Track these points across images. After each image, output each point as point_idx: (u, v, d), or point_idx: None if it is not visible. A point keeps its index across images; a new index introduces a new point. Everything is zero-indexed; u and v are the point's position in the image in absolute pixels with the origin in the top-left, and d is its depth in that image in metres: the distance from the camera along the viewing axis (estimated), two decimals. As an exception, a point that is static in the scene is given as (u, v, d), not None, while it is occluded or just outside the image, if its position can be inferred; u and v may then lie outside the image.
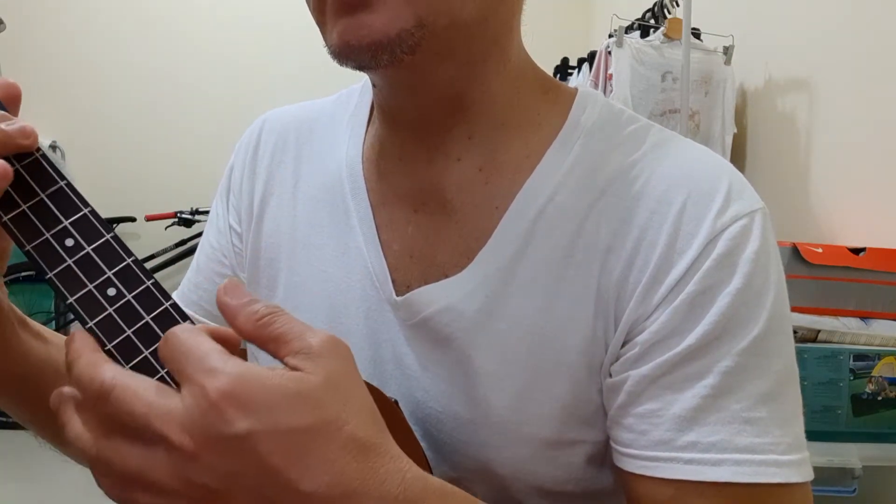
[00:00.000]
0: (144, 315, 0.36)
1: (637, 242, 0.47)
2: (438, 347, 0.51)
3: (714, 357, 0.44)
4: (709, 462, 0.43)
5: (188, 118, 3.57)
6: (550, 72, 0.73)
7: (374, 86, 0.53)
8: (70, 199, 0.38)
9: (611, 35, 2.16)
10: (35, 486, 2.43)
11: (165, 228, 3.34)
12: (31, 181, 0.38)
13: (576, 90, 0.54)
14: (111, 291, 0.36)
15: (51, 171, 0.39)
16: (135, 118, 3.56)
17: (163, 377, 0.35)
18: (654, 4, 2.31)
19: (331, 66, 0.51)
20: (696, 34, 2.12)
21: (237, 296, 0.35)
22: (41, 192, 0.38)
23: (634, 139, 0.51)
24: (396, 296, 0.52)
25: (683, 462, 0.43)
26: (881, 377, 1.18)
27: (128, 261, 0.37)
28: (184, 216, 3.29)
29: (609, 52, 2.16)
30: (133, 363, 0.35)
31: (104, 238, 0.38)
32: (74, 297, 0.36)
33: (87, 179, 2.97)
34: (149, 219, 3.36)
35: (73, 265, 0.37)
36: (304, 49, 2.70)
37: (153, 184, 3.52)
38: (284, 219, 0.59)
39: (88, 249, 0.37)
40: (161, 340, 0.33)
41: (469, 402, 0.50)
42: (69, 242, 0.37)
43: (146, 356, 0.35)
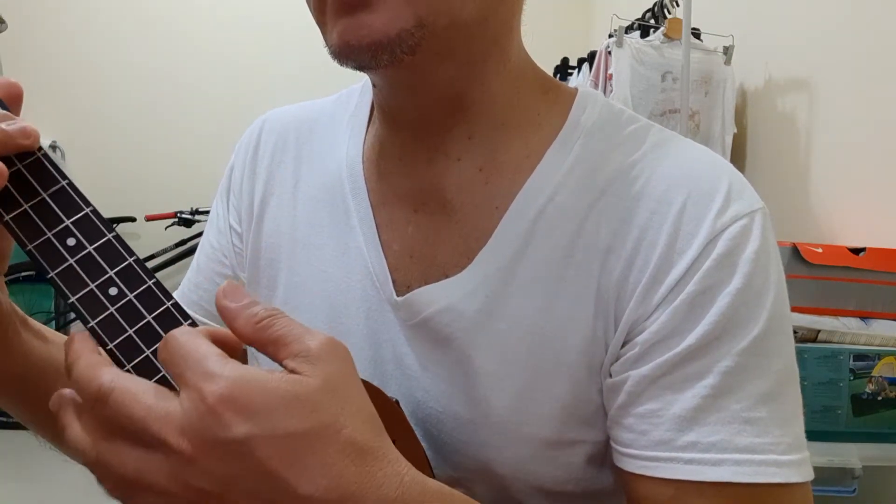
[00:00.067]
0: (146, 314, 0.36)
1: (637, 242, 0.47)
2: (438, 347, 0.51)
3: (714, 357, 0.44)
4: (709, 462, 0.43)
5: (188, 118, 3.57)
6: (550, 72, 0.73)
7: (375, 86, 0.53)
8: (72, 199, 0.38)
9: (611, 35, 2.16)
10: (35, 486, 2.43)
11: (165, 228, 3.34)
12: (33, 180, 0.38)
13: (576, 90, 0.54)
14: (113, 291, 0.36)
15: (52, 171, 0.39)
16: (135, 118, 3.56)
17: (164, 377, 0.35)
18: (654, 4, 2.31)
19: (331, 66, 0.51)
20: (696, 34, 2.12)
21: (236, 298, 0.35)
22: (43, 192, 0.38)
23: (634, 139, 0.51)
24: (397, 296, 0.52)
25: (683, 462, 0.43)
26: (881, 377, 1.18)
27: (129, 260, 0.37)
28: (184, 216, 3.29)
29: (609, 52, 2.16)
30: (134, 363, 0.35)
31: (106, 237, 0.38)
32: (76, 297, 0.36)
33: (87, 179, 2.97)
34: (149, 219, 3.35)
35: (75, 264, 0.37)
36: (304, 49, 2.71)
37: (153, 184, 3.52)
38: (284, 219, 0.59)
39: (90, 249, 0.37)
40: (160, 343, 0.33)
41: (469, 402, 0.50)
42: (71, 242, 0.37)
43: (147, 355, 0.35)
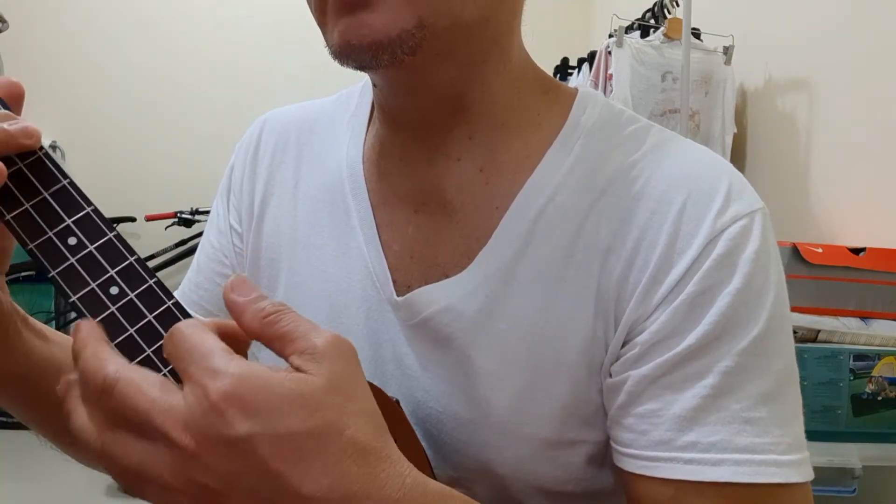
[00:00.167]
0: (147, 314, 0.36)
1: (637, 242, 0.47)
2: (439, 347, 0.51)
3: (714, 357, 0.44)
4: (709, 462, 0.43)
5: (188, 118, 3.57)
6: (550, 72, 0.73)
7: (375, 86, 0.53)
8: (73, 198, 0.38)
9: (611, 35, 2.16)
10: (35, 486, 2.44)
11: (165, 228, 3.34)
12: (34, 180, 0.38)
13: (576, 90, 0.54)
14: (114, 290, 0.36)
15: (53, 170, 0.39)
16: (135, 118, 3.56)
17: (165, 376, 0.35)
18: (654, 4, 2.31)
19: (331, 67, 0.51)
20: (696, 34, 2.12)
21: (244, 292, 0.35)
22: (44, 191, 0.38)
23: (634, 139, 0.51)
24: (397, 296, 0.52)
25: (683, 462, 0.43)
26: (881, 377, 1.18)
27: (130, 259, 0.37)
28: (184, 216, 3.29)
29: (609, 52, 2.16)
30: (135, 362, 0.35)
31: (107, 237, 0.38)
32: (77, 296, 0.36)
33: (87, 179, 2.95)
34: (149, 219, 3.36)
35: (76, 263, 0.37)
36: (304, 49, 2.70)
37: (153, 184, 3.52)
38: (285, 219, 0.59)
39: (91, 248, 0.37)
40: (166, 335, 0.33)
41: (469, 402, 0.50)
42: (72, 241, 0.37)
43: (149, 354, 0.35)
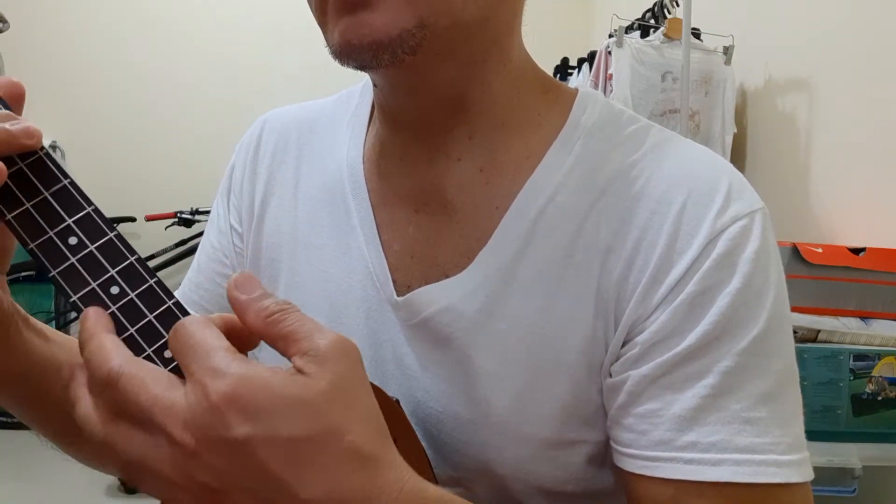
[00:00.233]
0: (147, 313, 0.36)
1: (637, 242, 0.47)
2: (439, 347, 0.51)
3: (714, 357, 0.44)
4: (709, 462, 0.43)
5: (188, 118, 3.57)
6: (550, 72, 0.73)
7: (375, 86, 0.53)
8: (73, 198, 0.38)
9: (611, 35, 2.16)
10: (35, 486, 2.44)
11: (165, 228, 3.34)
12: (35, 179, 0.38)
13: (576, 90, 0.54)
14: (114, 290, 0.36)
15: (54, 170, 0.39)
16: (135, 118, 3.56)
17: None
18: (654, 4, 2.31)
19: (331, 67, 0.51)
20: (696, 34, 2.12)
21: (248, 290, 0.35)
22: (45, 191, 0.38)
23: (634, 139, 0.51)
24: (397, 296, 0.52)
25: (683, 462, 0.43)
26: (881, 377, 1.18)
27: (131, 259, 0.37)
28: (184, 216, 3.29)
29: (609, 52, 2.16)
30: None
31: (107, 236, 0.38)
32: (78, 296, 0.36)
33: (87, 179, 2.94)
34: (149, 219, 3.35)
35: (77, 263, 0.37)
36: (304, 49, 2.70)
37: (153, 184, 3.52)
38: (285, 219, 0.59)
39: (92, 248, 0.37)
40: (171, 331, 0.33)
41: (469, 403, 0.50)
42: (73, 240, 0.37)
43: (149, 354, 0.35)
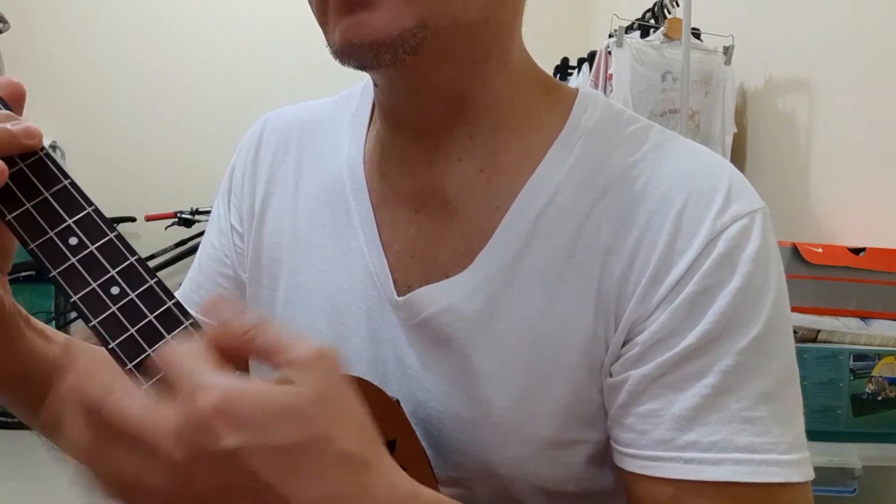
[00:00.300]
0: (148, 314, 0.36)
1: (637, 242, 0.47)
2: (439, 347, 0.51)
3: (714, 356, 0.44)
4: (709, 461, 0.43)
5: (188, 118, 3.57)
6: (550, 72, 0.73)
7: (376, 86, 0.53)
8: (74, 198, 0.39)
9: (611, 35, 2.16)
10: (35, 486, 2.43)
11: (165, 228, 3.34)
12: (35, 180, 0.38)
13: (576, 91, 0.54)
14: (114, 290, 0.36)
15: (54, 170, 0.39)
16: (135, 118, 3.56)
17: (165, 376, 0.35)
18: (654, 4, 2.31)
19: (331, 67, 0.51)
20: (696, 34, 2.12)
21: (219, 313, 0.34)
22: (45, 191, 0.38)
23: (635, 139, 0.51)
24: (397, 296, 0.52)
25: (684, 461, 0.43)
26: (881, 377, 1.18)
27: (131, 259, 0.37)
28: (184, 216, 3.29)
29: (609, 52, 2.16)
30: (136, 361, 0.35)
31: (108, 237, 0.38)
32: (78, 296, 0.36)
33: (87, 179, 2.93)
34: (149, 219, 3.36)
35: (77, 263, 0.37)
36: (304, 49, 2.71)
37: (153, 184, 3.52)
38: (286, 219, 0.59)
39: (92, 248, 0.37)
40: (156, 352, 0.33)
41: (470, 403, 0.50)
42: (73, 241, 0.37)
43: (149, 354, 0.35)
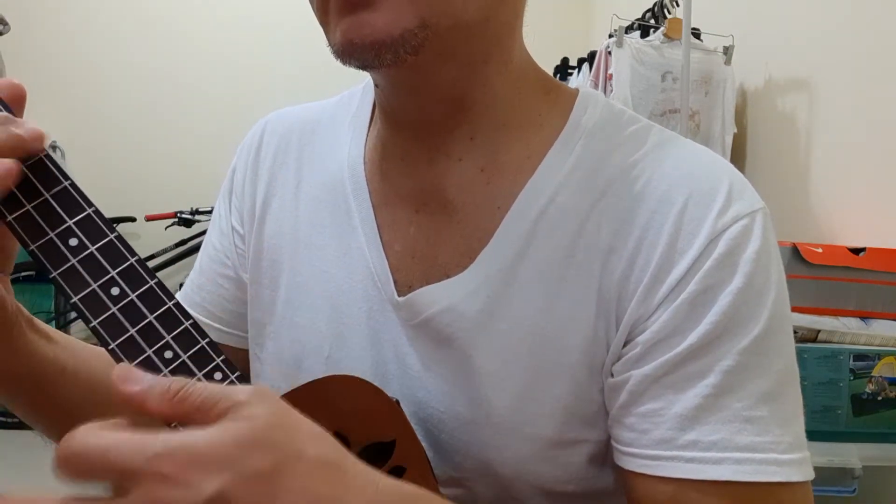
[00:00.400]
0: (148, 314, 0.36)
1: (638, 242, 0.47)
2: (440, 348, 0.51)
3: (715, 356, 0.44)
4: (710, 461, 0.43)
5: (188, 118, 3.57)
6: (550, 72, 0.73)
7: (377, 86, 0.53)
8: (74, 199, 0.39)
9: (611, 35, 2.16)
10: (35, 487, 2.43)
11: (165, 228, 3.34)
12: (36, 181, 0.38)
13: (577, 91, 0.55)
14: (115, 291, 0.37)
15: (55, 171, 0.39)
16: (135, 118, 3.57)
17: (166, 376, 0.35)
18: (654, 4, 2.31)
19: (331, 67, 0.51)
20: (696, 34, 2.12)
21: (136, 380, 0.33)
22: (45, 192, 0.38)
23: (635, 139, 0.51)
24: (398, 296, 0.52)
25: (684, 461, 0.43)
26: (881, 377, 1.18)
27: (131, 260, 0.37)
28: (184, 216, 3.29)
29: (609, 52, 2.16)
30: (137, 362, 0.35)
31: (108, 238, 0.38)
32: (78, 297, 0.36)
33: (87, 179, 2.95)
34: (149, 219, 3.36)
35: (77, 264, 0.37)
36: (304, 49, 2.71)
37: (153, 184, 3.52)
38: (286, 219, 0.59)
39: (92, 249, 0.37)
40: (70, 458, 0.30)
41: (470, 403, 0.50)
42: (73, 242, 0.37)
43: (149, 355, 0.35)
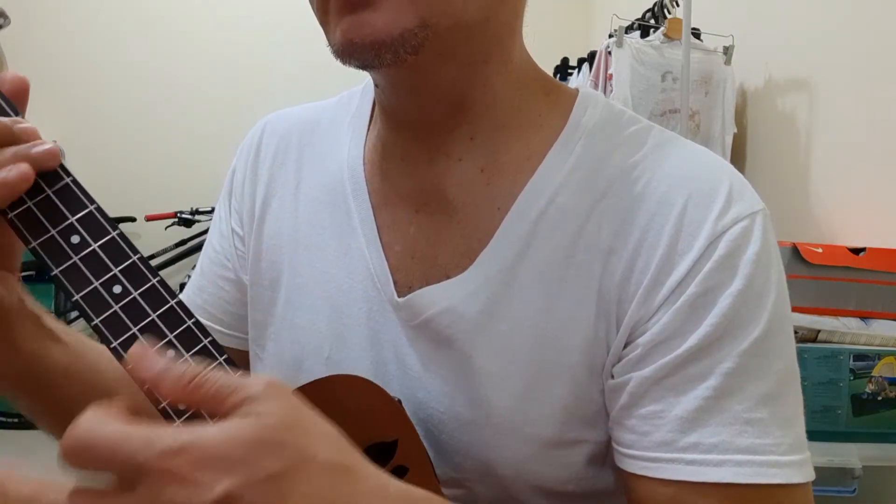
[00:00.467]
0: (150, 312, 0.36)
1: (638, 244, 0.47)
2: (440, 348, 0.51)
3: (715, 358, 0.44)
4: (710, 463, 0.43)
5: (188, 118, 3.57)
6: (550, 72, 0.73)
7: (377, 86, 0.53)
8: (76, 196, 0.38)
9: (611, 35, 2.16)
10: (35, 486, 2.43)
11: (165, 228, 3.34)
12: (38, 178, 0.38)
13: (577, 91, 0.54)
14: (117, 289, 0.36)
15: (57, 168, 0.39)
16: (135, 118, 3.56)
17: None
18: (654, 4, 2.31)
19: (331, 67, 0.51)
20: (696, 34, 2.12)
21: (151, 364, 0.33)
22: (47, 189, 0.38)
23: (635, 140, 0.51)
24: (398, 297, 0.52)
25: (685, 463, 0.43)
26: (881, 377, 1.18)
27: (133, 258, 0.37)
28: (184, 216, 3.29)
29: (609, 52, 2.16)
30: None
31: (110, 235, 0.38)
32: (80, 295, 0.36)
33: (87, 179, 2.89)
34: (149, 219, 3.36)
35: (79, 262, 0.37)
36: (304, 49, 2.70)
37: (153, 184, 3.52)
38: (286, 220, 0.59)
39: (94, 246, 0.37)
40: (76, 448, 0.30)
41: (470, 403, 0.50)
42: (75, 239, 0.37)
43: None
